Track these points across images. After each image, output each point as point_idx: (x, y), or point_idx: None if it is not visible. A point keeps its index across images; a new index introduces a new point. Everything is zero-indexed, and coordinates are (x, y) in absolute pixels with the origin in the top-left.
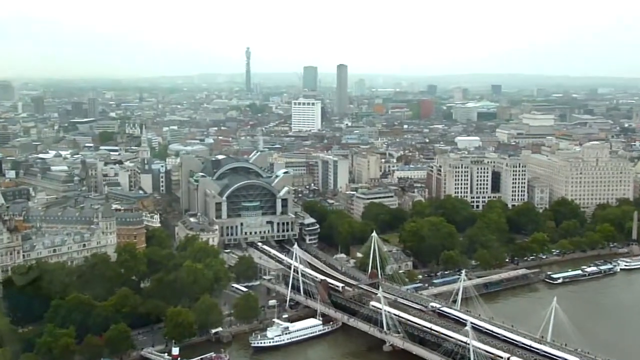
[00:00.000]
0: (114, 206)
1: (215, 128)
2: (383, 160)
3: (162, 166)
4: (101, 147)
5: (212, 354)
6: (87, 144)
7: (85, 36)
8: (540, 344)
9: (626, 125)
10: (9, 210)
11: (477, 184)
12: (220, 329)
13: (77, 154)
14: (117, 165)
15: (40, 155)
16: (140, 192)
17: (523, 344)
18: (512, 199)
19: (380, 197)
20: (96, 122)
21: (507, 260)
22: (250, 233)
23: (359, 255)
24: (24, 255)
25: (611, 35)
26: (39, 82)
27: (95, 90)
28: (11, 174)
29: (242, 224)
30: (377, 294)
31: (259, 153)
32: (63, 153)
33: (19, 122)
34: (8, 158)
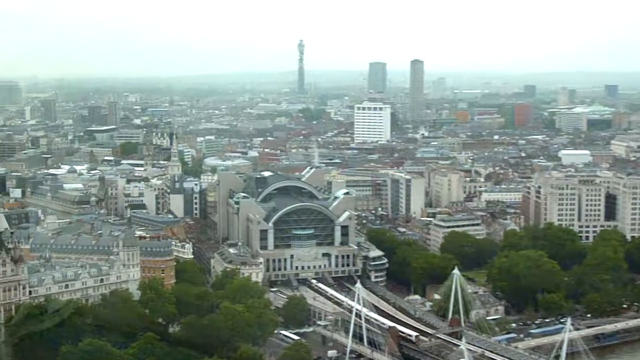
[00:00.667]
0: (138, 233)
1: (260, 138)
2: (468, 179)
3: (195, 185)
4: (123, 161)
5: None
6: (106, 157)
7: (104, 30)
8: None
9: None
10: (14, 237)
11: (587, 210)
12: None
13: (95, 169)
14: (142, 183)
15: (51, 171)
16: (170, 216)
17: None
18: (632, 229)
19: (464, 225)
20: (117, 130)
21: (625, 306)
22: (302, 268)
23: (437, 297)
24: (30, 291)
25: None
26: (50, 82)
27: (116, 91)
28: (17, 192)
29: (292, 257)
30: (459, 345)
31: (313, 169)
32: (78, 168)
33: (26, 131)
34: (13, 174)
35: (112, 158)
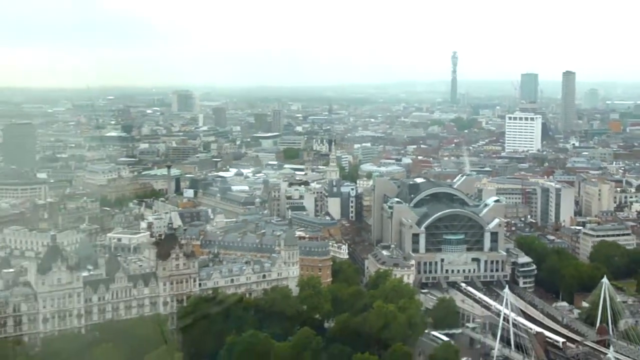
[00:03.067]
0: (298, 233)
1: (414, 146)
2: (619, 189)
3: (352, 189)
4: (285, 166)
5: None
6: (270, 162)
7: (272, 43)
8: None
9: None
10: (186, 234)
11: None
12: None
13: (260, 173)
14: (302, 186)
15: (220, 173)
16: (327, 218)
17: None
18: None
19: (614, 235)
20: (280, 137)
21: None
22: (452, 271)
23: (585, 305)
24: (199, 284)
25: None
26: (221, 91)
27: (280, 101)
28: (189, 193)
29: (442, 260)
30: (607, 354)
31: (464, 177)
32: (244, 171)
33: (199, 136)
34: (187, 175)
35: (275, 162)
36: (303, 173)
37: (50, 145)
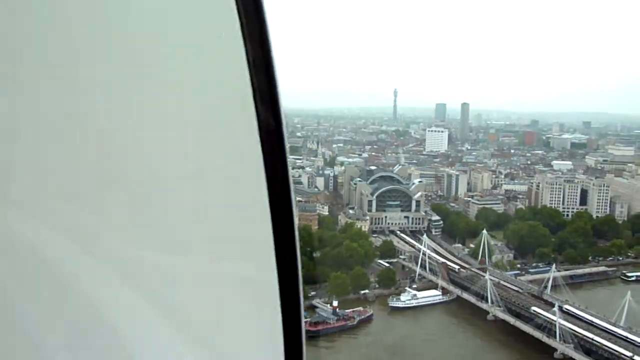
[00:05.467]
0: (298, 198)
1: (369, 146)
2: (494, 176)
3: (331, 172)
4: (290, 156)
5: (360, 308)
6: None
7: None
8: (614, 326)
9: None
10: None
11: (568, 198)
12: (367, 291)
13: None
14: (300, 169)
15: None
16: (316, 189)
17: (596, 324)
18: (597, 212)
19: (490, 203)
20: (287, 138)
21: (589, 259)
22: (392, 224)
23: (472, 246)
24: None
25: None
26: None
27: (286, 116)
28: None
29: (386, 217)
30: (484, 276)
31: (400, 166)
32: None
33: None
34: None
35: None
36: (301, 161)
37: None
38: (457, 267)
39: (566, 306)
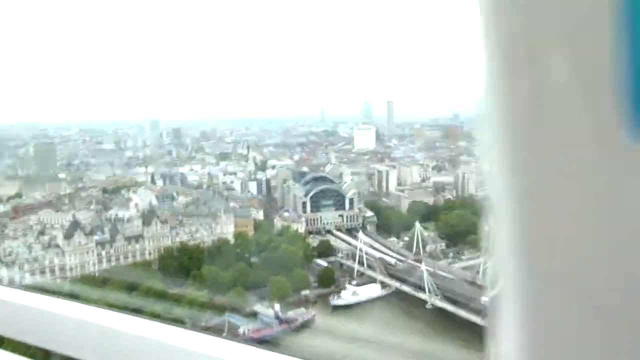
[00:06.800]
0: (232, 204)
1: (300, 148)
2: (422, 169)
3: (263, 176)
4: (221, 163)
5: (303, 310)
6: (211, 161)
7: None
8: None
9: None
10: (161, 208)
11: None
12: (308, 292)
13: (204, 168)
14: (232, 175)
15: (179, 169)
16: (249, 194)
17: None
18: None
19: (420, 197)
20: (217, 145)
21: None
22: (327, 223)
23: (406, 239)
24: (171, 240)
25: None
26: (176, 119)
27: (216, 123)
28: (160, 183)
29: (321, 217)
30: (420, 267)
31: (331, 166)
32: (195, 167)
33: (164, 147)
34: (158, 172)
35: (214, 161)
36: (232, 167)
37: (66, 156)
38: (393, 260)
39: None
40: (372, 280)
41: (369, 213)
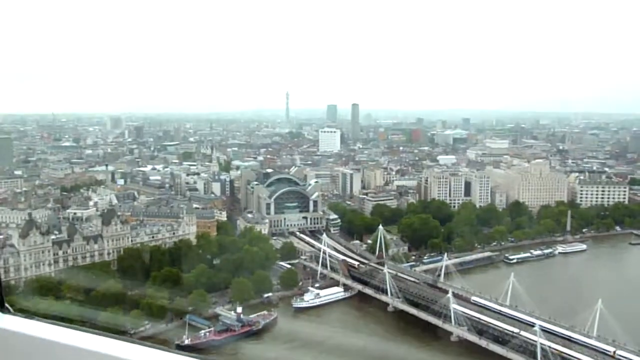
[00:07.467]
0: (194, 205)
1: (264, 149)
2: (385, 173)
3: (227, 177)
4: (184, 163)
5: (265, 312)
6: (173, 161)
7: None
8: (502, 306)
9: (561, 147)
10: (121, 208)
11: (454, 191)
12: (270, 294)
13: (167, 168)
14: (195, 176)
15: (141, 169)
16: (212, 195)
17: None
18: (480, 201)
19: (384, 200)
20: (180, 144)
21: (476, 245)
22: (291, 225)
23: (369, 241)
24: (131, 240)
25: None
26: (139, 115)
27: (179, 122)
28: (121, 182)
29: (285, 219)
30: (383, 269)
31: (296, 168)
32: (157, 167)
33: (126, 145)
34: (118, 170)
35: (177, 161)
36: (195, 167)
37: (23, 152)
38: (356, 263)
39: (457, 291)
40: (335, 283)
41: (333, 215)
